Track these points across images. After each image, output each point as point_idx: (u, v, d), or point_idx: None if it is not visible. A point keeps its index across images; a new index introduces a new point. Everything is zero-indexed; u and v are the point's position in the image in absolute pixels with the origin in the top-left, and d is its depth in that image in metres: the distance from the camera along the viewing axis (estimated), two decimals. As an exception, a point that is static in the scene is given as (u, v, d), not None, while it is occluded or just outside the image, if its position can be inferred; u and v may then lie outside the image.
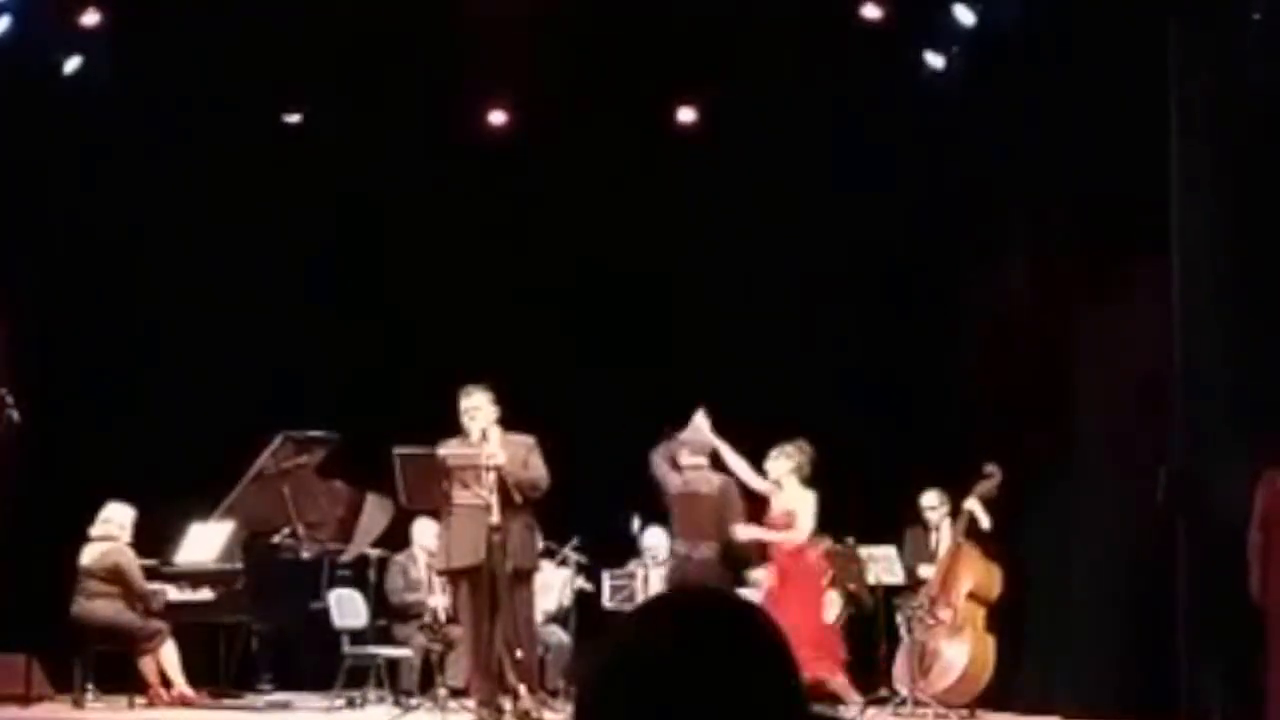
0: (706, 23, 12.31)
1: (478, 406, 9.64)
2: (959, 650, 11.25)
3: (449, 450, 9.73)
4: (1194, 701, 9.77)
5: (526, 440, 9.74)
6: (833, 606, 12.39)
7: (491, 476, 9.50)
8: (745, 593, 9.95)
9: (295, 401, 12.44)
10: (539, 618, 10.93)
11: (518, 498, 9.56)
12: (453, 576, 9.86)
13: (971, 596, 11.33)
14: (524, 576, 9.75)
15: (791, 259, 13.40)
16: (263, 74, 12.61)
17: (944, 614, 11.32)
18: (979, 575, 11.34)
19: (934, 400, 12.53)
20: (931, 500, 11.73)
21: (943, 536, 11.64)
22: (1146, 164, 10.37)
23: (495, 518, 9.43)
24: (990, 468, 11.28)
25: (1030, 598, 11.53)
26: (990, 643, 11.31)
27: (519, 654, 9.80)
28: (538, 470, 9.68)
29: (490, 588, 9.51)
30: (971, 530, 11.37)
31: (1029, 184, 11.84)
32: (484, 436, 9.56)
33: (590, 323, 13.41)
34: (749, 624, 1.98)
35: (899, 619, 11.66)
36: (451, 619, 11.21)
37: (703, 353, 13.47)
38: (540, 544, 10.37)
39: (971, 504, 11.32)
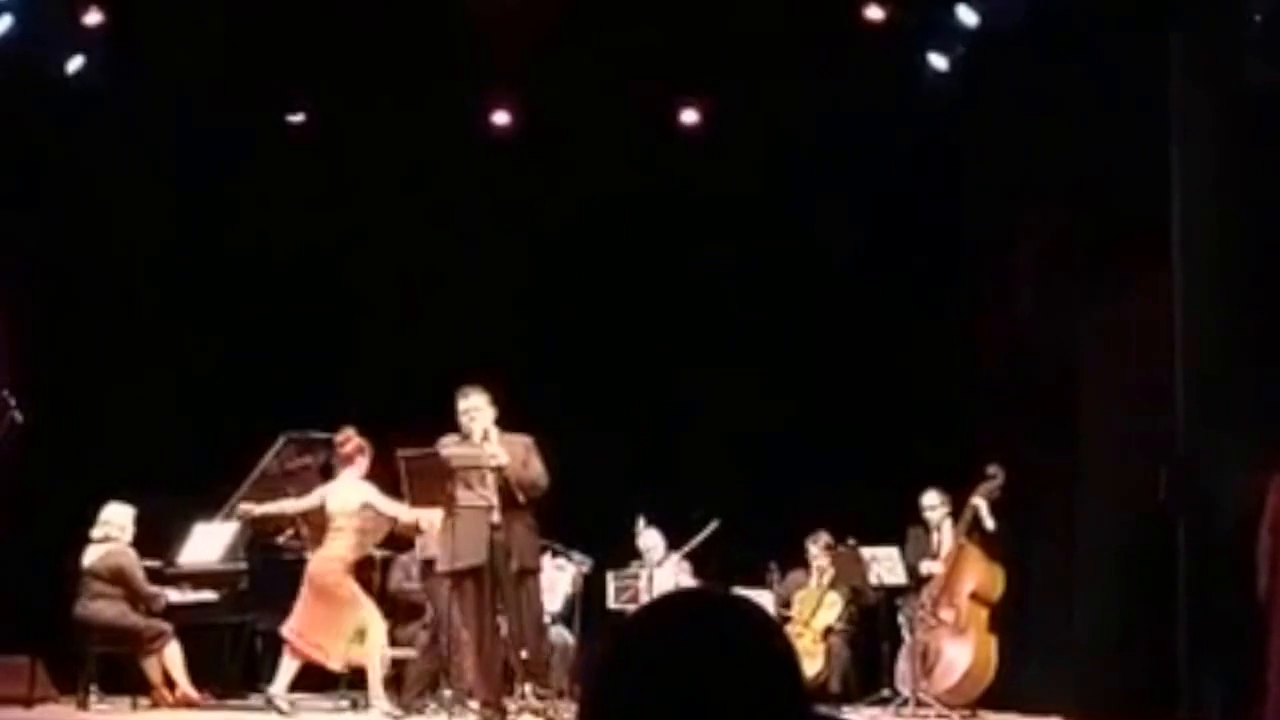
0: (710, 24, 12.32)
1: (477, 408, 9.62)
2: (961, 651, 11.26)
3: (450, 450, 9.74)
4: (1195, 702, 9.77)
5: (524, 440, 9.71)
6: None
7: (492, 477, 9.50)
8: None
9: (298, 402, 12.43)
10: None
11: (520, 498, 9.55)
12: (456, 577, 9.84)
13: (974, 597, 11.34)
14: (528, 576, 9.73)
15: (794, 258, 13.42)
16: (265, 73, 12.62)
17: (946, 614, 11.33)
18: (981, 576, 11.34)
19: (937, 400, 12.53)
20: (931, 500, 11.72)
21: (944, 536, 11.64)
22: (1149, 164, 10.36)
23: (497, 518, 9.43)
24: (993, 469, 11.27)
25: (1032, 598, 11.54)
26: (993, 643, 11.31)
27: (524, 654, 9.82)
28: (536, 469, 9.66)
29: (493, 588, 9.51)
30: (974, 531, 11.38)
31: (1031, 184, 11.84)
32: (485, 437, 9.56)
33: (593, 322, 13.42)
34: (751, 622, 1.99)
35: (901, 619, 11.68)
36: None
37: (706, 352, 13.50)
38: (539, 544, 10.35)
39: (977, 503, 11.31)
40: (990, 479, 11.27)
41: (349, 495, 10.77)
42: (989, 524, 11.31)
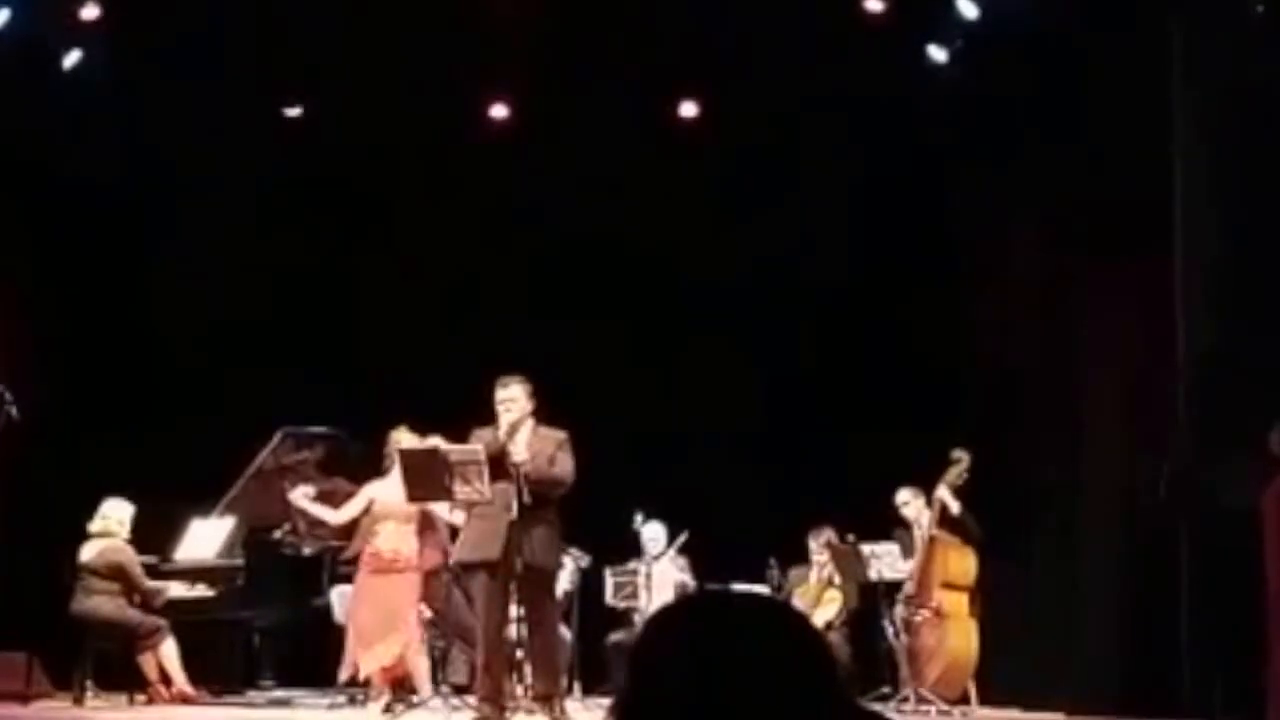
0: (708, 16, 12.27)
1: (513, 399, 9.43)
2: (943, 640, 11.27)
3: (446, 446, 9.71)
4: (1195, 700, 9.74)
5: (558, 436, 9.52)
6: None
7: (488, 471, 9.38)
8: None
9: (297, 397, 12.40)
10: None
11: (526, 498, 9.41)
12: (469, 570, 9.76)
13: (948, 585, 11.35)
14: (541, 575, 9.53)
15: (793, 254, 13.37)
16: (262, 68, 12.58)
17: (926, 609, 11.36)
18: (953, 564, 11.36)
19: (937, 399, 12.48)
20: (904, 497, 11.69)
21: (926, 530, 11.63)
22: (1149, 161, 10.32)
23: (515, 514, 9.33)
24: (957, 452, 11.28)
25: (1033, 597, 11.52)
26: (972, 628, 11.30)
27: (519, 654, 9.77)
28: (563, 467, 9.45)
29: (505, 585, 9.43)
30: (944, 521, 11.38)
31: (1031, 180, 11.79)
32: (511, 432, 9.42)
33: (592, 317, 13.37)
34: (792, 621, 2.01)
35: (894, 617, 11.66)
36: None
37: (708, 346, 13.47)
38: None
39: (941, 492, 11.35)
40: (955, 463, 11.28)
41: None
42: (954, 509, 11.31)
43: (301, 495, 11.21)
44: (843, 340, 13.16)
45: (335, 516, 11.09)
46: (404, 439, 10.32)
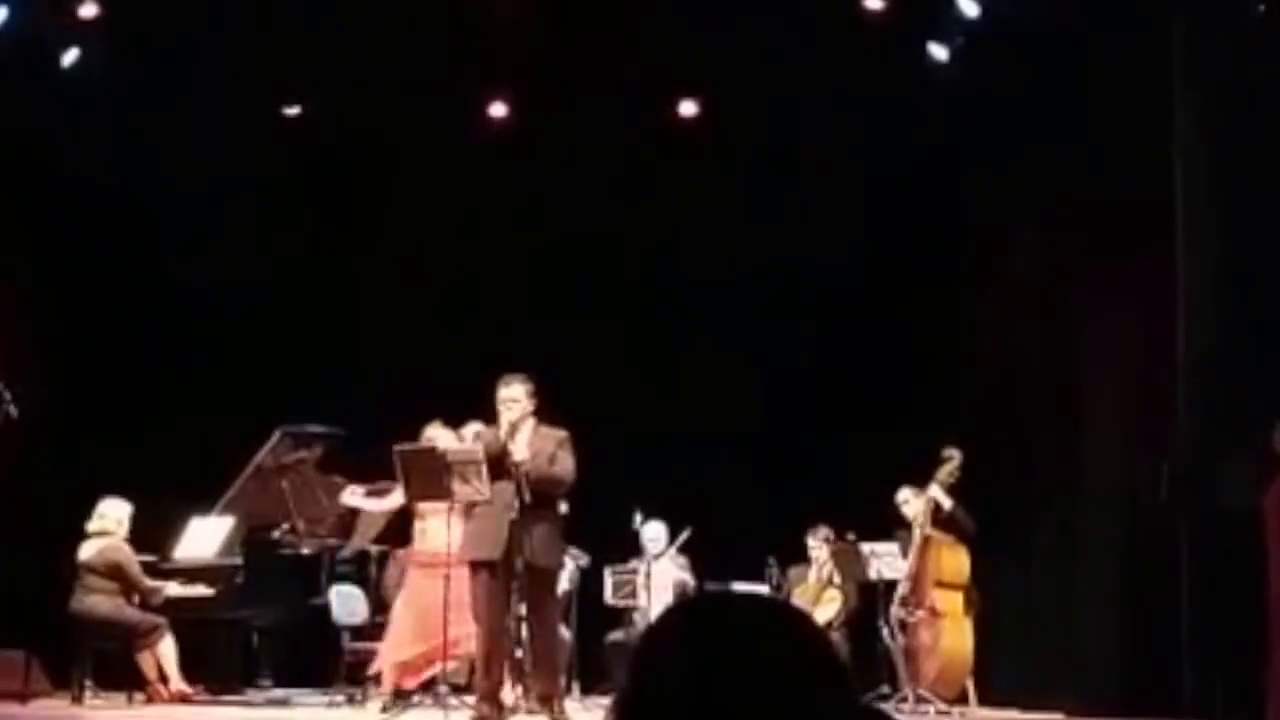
0: (708, 16, 12.26)
1: (515, 399, 9.41)
2: (939, 638, 11.29)
3: (444, 444, 9.70)
4: (1196, 700, 9.73)
5: (559, 435, 9.51)
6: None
7: (484, 469, 9.36)
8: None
9: (296, 396, 12.39)
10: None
11: (527, 497, 9.40)
12: (471, 568, 9.75)
13: (941, 585, 11.35)
14: (542, 575, 9.52)
15: (793, 254, 13.36)
16: (262, 68, 12.56)
17: (921, 608, 11.37)
18: (945, 563, 11.37)
19: (936, 399, 12.47)
20: (905, 496, 11.69)
21: (922, 530, 11.64)
22: (1149, 161, 10.31)
23: (515, 513, 9.31)
24: (949, 450, 11.28)
25: (1034, 597, 11.51)
26: (967, 626, 11.30)
27: (518, 653, 9.75)
28: (564, 466, 9.45)
29: (506, 583, 9.41)
30: (938, 520, 11.39)
31: (1031, 180, 11.78)
32: (512, 431, 9.41)
33: (594, 317, 13.37)
34: (795, 622, 1.98)
35: (892, 616, 11.67)
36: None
37: (708, 346, 13.46)
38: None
39: (933, 490, 11.36)
40: (946, 461, 11.29)
41: None
42: (946, 505, 11.31)
43: (350, 494, 11.27)
44: (843, 340, 13.16)
45: (381, 505, 11.10)
46: (439, 435, 10.27)
